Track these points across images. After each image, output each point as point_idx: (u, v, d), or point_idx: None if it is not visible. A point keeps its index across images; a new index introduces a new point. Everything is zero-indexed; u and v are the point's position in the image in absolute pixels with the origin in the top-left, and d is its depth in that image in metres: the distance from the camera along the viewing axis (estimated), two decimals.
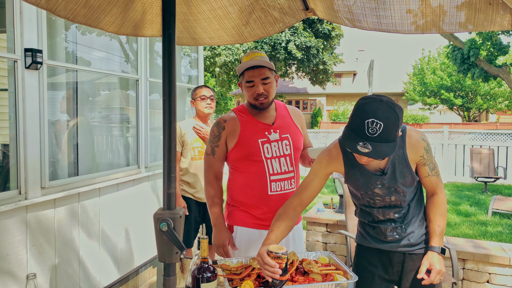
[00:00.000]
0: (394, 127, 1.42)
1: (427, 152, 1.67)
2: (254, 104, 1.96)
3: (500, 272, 3.15)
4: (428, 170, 1.69)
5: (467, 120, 27.52)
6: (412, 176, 1.67)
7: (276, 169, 1.95)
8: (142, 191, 3.63)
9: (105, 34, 3.58)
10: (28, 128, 2.44)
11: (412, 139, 1.66)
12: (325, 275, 1.51)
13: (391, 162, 1.65)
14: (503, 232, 5.35)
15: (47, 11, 1.54)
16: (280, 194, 1.97)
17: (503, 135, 9.48)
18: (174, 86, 1.52)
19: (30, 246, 2.45)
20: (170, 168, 1.50)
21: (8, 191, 2.36)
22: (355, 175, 1.70)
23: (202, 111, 3.24)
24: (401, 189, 1.69)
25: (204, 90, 3.25)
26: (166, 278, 1.47)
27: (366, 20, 1.71)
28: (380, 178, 1.67)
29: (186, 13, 2.00)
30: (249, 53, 1.95)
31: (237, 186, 2.03)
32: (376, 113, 1.40)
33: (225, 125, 1.99)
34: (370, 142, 1.40)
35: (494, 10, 1.52)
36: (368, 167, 1.67)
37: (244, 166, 1.98)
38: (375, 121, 1.40)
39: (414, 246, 1.78)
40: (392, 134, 1.42)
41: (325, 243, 3.93)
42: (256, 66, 1.90)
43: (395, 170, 1.66)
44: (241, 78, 1.97)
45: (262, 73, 1.91)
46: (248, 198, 1.99)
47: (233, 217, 2.05)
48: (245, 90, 1.96)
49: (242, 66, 1.92)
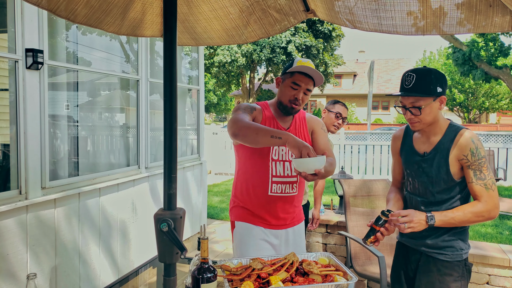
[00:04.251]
0: (427, 79, 1.67)
1: (472, 155, 1.69)
2: (285, 105, 1.97)
3: (499, 274, 3.15)
4: (472, 175, 1.70)
5: (468, 121, 27.52)
6: (447, 171, 1.73)
7: (279, 171, 1.98)
8: (142, 191, 3.63)
9: (105, 35, 3.59)
10: (29, 128, 2.44)
11: (462, 138, 1.72)
12: (325, 276, 1.51)
13: (435, 149, 1.78)
14: (503, 233, 5.35)
15: (48, 12, 1.54)
16: (280, 196, 2.00)
17: (503, 137, 9.47)
18: (175, 86, 1.52)
19: (30, 246, 2.45)
20: (171, 168, 1.50)
21: (8, 191, 2.36)
22: (405, 151, 1.93)
23: (330, 128, 3.17)
24: (433, 180, 1.77)
25: (343, 109, 3.19)
26: (166, 278, 1.47)
27: (367, 21, 1.71)
28: (420, 161, 1.82)
29: (186, 13, 2.00)
30: (307, 61, 1.94)
31: (241, 181, 2.07)
32: (412, 69, 1.71)
33: (256, 109, 2.01)
34: (406, 92, 1.69)
35: (494, 11, 1.52)
36: (416, 146, 1.86)
37: (251, 162, 2.01)
38: (409, 73, 1.71)
39: (432, 248, 1.81)
40: (424, 85, 1.66)
41: (325, 244, 3.92)
42: (309, 75, 1.91)
43: (434, 158, 1.77)
44: (287, 76, 1.95)
45: (310, 84, 1.93)
46: (249, 195, 2.03)
47: (234, 212, 2.10)
48: (285, 89, 1.95)
49: (298, 68, 1.90)
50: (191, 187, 4.57)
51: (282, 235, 2.05)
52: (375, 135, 9.76)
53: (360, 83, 33.40)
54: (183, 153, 4.71)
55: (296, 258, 1.57)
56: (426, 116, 1.71)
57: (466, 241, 1.84)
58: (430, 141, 1.81)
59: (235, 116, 1.84)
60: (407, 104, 1.73)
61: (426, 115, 1.71)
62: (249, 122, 1.78)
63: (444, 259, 1.79)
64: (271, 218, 2.01)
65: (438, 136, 1.79)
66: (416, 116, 1.72)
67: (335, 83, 23.29)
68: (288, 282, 1.47)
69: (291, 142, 1.61)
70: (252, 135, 1.70)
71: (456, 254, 1.79)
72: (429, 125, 1.76)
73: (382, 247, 3.16)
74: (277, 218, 2.02)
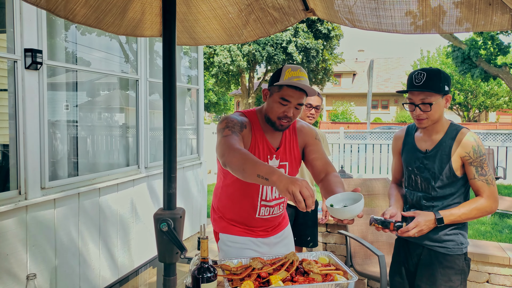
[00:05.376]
0: (437, 77, 1.75)
1: (474, 153, 1.78)
2: (273, 122, 1.76)
3: (499, 272, 3.15)
4: (474, 172, 1.80)
5: (467, 120, 27.52)
6: (449, 167, 1.81)
7: (268, 195, 1.87)
8: (142, 191, 3.63)
9: (105, 34, 3.58)
10: (28, 128, 2.44)
11: (463, 136, 1.81)
12: (325, 275, 1.51)
13: (437, 146, 1.85)
14: (503, 232, 5.35)
15: (47, 11, 1.54)
16: (266, 218, 1.92)
17: (502, 135, 9.47)
18: (174, 86, 1.52)
19: (30, 246, 2.45)
20: (171, 168, 1.50)
21: (8, 191, 2.36)
22: (406, 150, 1.99)
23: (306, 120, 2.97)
24: (435, 175, 1.84)
25: (312, 98, 2.96)
26: (166, 278, 1.47)
27: (366, 20, 1.71)
28: (422, 158, 1.89)
29: (185, 13, 2.00)
30: (297, 69, 1.70)
31: (225, 197, 1.94)
32: (421, 69, 1.79)
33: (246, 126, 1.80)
34: (418, 89, 1.76)
35: (494, 10, 1.52)
36: (418, 145, 1.93)
37: (238, 185, 1.84)
38: (419, 72, 1.78)
39: (434, 241, 1.88)
40: (435, 83, 1.74)
41: (325, 243, 3.93)
42: (300, 88, 1.70)
43: (436, 155, 1.84)
44: (275, 89, 1.73)
45: (301, 97, 1.71)
46: (234, 214, 1.93)
47: (218, 224, 1.99)
48: (274, 104, 1.73)
49: (286, 82, 1.68)
50: (191, 186, 4.57)
51: (270, 241, 1.99)
52: (374, 134, 9.76)
53: (359, 82, 33.39)
54: (182, 152, 4.71)
55: (296, 257, 1.57)
56: (434, 113, 1.79)
57: (466, 235, 1.91)
58: (432, 139, 1.88)
59: (225, 140, 1.63)
60: (416, 101, 1.80)
61: (435, 111, 1.79)
62: (238, 151, 1.54)
63: (446, 252, 1.86)
64: (259, 231, 1.95)
65: (440, 134, 1.87)
66: (425, 113, 1.78)
67: (335, 82, 23.29)
68: (288, 281, 1.47)
69: (280, 186, 1.36)
70: (239, 171, 1.50)
71: (457, 248, 1.86)
72: (433, 123, 1.84)
73: (381, 246, 3.16)
74: (264, 232, 1.96)
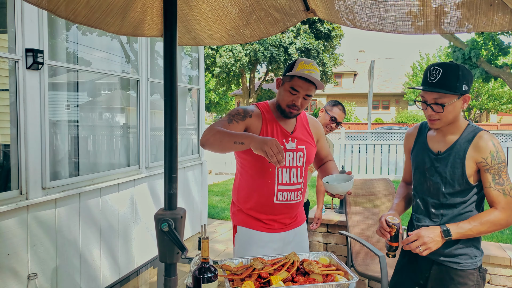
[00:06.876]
0: (454, 75, 1.56)
1: (492, 159, 1.59)
2: (283, 110, 1.90)
3: (500, 273, 3.15)
4: (490, 180, 1.60)
5: None
6: (462, 172, 1.64)
7: (285, 179, 1.92)
8: (142, 191, 3.64)
9: (105, 34, 3.59)
10: (29, 128, 2.44)
11: (481, 140, 1.62)
12: (325, 276, 1.51)
13: (450, 148, 1.68)
14: (504, 232, 5.35)
15: (48, 12, 1.54)
16: (285, 204, 1.94)
17: (504, 136, 9.45)
18: (175, 86, 1.52)
19: (31, 246, 2.45)
20: (171, 168, 1.50)
21: (9, 191, 2.36)
22: (417, 149, 1.85)
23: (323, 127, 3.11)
24: (446, 180, 1.68)
25: (339, 114, 3.09)
26: (167, 278, 1.47)
27: (367, 20, 1.71)
28: (433, 159, 1.74)
29: (186, 13, 2.00)
30: (309, 63, 1.84)
31: (244, 188, 2.00)
32: (438, 63, 1.61)
33: (252, 114, 1.92)
34: (430, 87, 1.59)
35: (494, 10, 1.52)
36: (430, 145, 1.77)
37: (255, 169, 1.93)
38: (435, 67, 1.60)
39: (445, 256, 1.71)
40: (451, 81, 1.56)
41: (325, 243, 3.92)
42: (309, 80, 1.83)
43: (449, 158, 1.68)
44: (287, 79, 1.87)
45: (310, 89, 1.85)
46: (253, 202, 1.97)
47: (237, 217, 2.05)
48: (284, 93, 1.88)
49: (297, 73, 1.80)
50: (192, 187, 4.57)
51: (285, 237, 2.01)
52: (375, 135, 9.75)
53: (360, 83, 33.38)
54: (183, 153, 4.71)
55: (297, 257, 1.57)
56: (448, 114, 1.61)
57: (479, 247, 1.73)
58: (445, 140, 1.71)
59: (212, 124, 1.78)
60: (429, 100, 1.63)
61: (448, 113, 1.61)
62: (218, 129, 1.70)
63: (458, 267, 1.69)
64: (275, 224, 1.97)
65: (455, 135, 1.69)
66: (437, 113, 1.62)
67: (335, 83, 23.29)
68: (289, 281, 1.47)
69: (254, 145, 1.56)
70: (216, 143, 1.67)
71: (470, 262, 1.69)
72: (448, 124, 1.67)
73: (382, 247, 3.16)
74: (281, 223, 1.99)
